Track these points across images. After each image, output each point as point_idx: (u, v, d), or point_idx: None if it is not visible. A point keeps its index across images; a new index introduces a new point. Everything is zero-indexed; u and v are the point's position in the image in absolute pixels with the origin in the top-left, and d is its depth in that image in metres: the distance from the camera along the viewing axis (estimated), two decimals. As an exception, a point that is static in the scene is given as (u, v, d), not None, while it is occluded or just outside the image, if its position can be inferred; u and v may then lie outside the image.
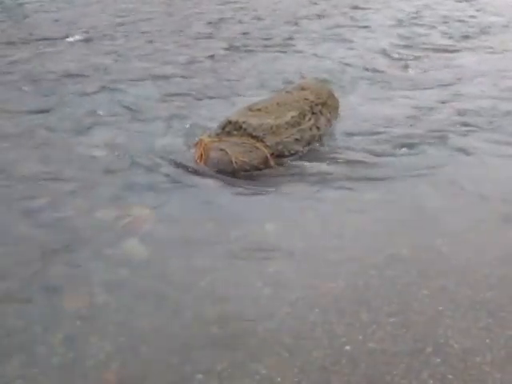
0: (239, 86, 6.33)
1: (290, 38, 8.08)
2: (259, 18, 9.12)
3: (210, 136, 4.77)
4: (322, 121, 5.15)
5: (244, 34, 8.26)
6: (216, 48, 7.67)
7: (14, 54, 7.43)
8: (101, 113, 5.64)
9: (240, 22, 8.90)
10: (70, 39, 8.01)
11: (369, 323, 3.06)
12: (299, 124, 4.88)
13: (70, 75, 6.63)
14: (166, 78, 6.60)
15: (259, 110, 4.94)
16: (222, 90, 6.24)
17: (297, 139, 4.79)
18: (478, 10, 9.61)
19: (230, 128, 4.78)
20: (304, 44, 7.82)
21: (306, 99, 5.16)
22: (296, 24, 8.84)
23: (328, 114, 5.28)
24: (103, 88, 6.28)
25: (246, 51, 7.49)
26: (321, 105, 5.24)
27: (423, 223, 3.93)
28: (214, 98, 6.01)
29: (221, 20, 9.09)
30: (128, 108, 5.75)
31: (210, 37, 8.22)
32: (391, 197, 4.24)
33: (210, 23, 8.96)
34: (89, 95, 6.09)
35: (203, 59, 7.22)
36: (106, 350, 2.88)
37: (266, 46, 7.69)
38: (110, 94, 6.14)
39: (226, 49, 7.61)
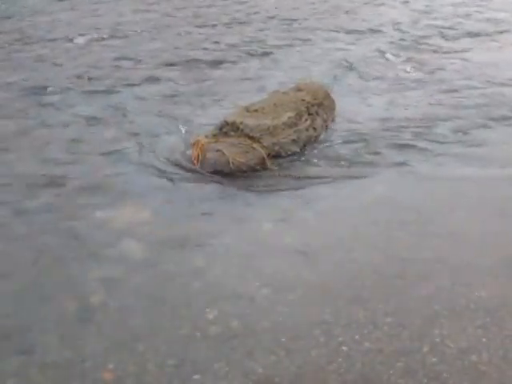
0: (237, 87, 6.33)
1: (288, 39, 8.08)
2: (258, 20, 9.12)
3: (206, 136, 4.77)
4: (319, 121, 5.16)
5: (242, 35, 8.27)
6: (215, 49, 7.67)
7: (18, 55, 7.43)
8: (98, 113, 5.64)
9: (238, 24, 8.90)
10: (77, 41, 8.00)
11: (365, 323, 3.06)
12: (296, 125, 4.89)
13: (68, 77, 6.62)
14: (163, 78, 6.61)
15: (256, 110, 4.95)
16: (219, 90, 6.24)
17: (294, 140, 4.80)
18: (479, 7, 9.63)
19: (227, 129, 4.78)
20: (300, 46, 7.82)
21: (302, 100, 5.17)
22: (294, 25, 8.84)
23: (325, 115, 5.29)
24: (101, 89, 6.28)
25: (243, 52, 7.50)
26: (317, 105, 5.25)
27: (420, 223, 3.94)
28: (211, 98, 6.01)
29: (220, 22, 9.09)
30: (125, 108, 5.75)
31: (209, 38, 8.22)
32: (388, 197, 4.24)
33: (210, 25, 8.97)
34: (86, 96, 6.10)
35: (202, 60, 7.22)
36: (103, 349, 2.88)
37: (263, 48, 7.70)
38: (108, 94, 6.15)
39: (225, 50, 7.61)
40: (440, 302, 3.20)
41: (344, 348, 2.91)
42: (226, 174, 4.49)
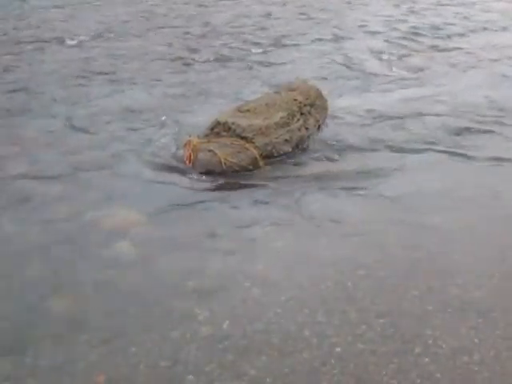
0: (228, 88, 6.32)
1: (280, 40, 8.07)
2: (251, 21, 9.12)
3: (198, 137, 4.76)
4: (311, 121, 5.16)
5: (234, 37, 8.25)
6: (207, 49, 7.66)
7: (13, 56, 7.41)
8: (91, 114, 5.63)
9: (230, 26, 8.89)
10: (71, 41, 7.98)
11: (358, 324, 3.06)
12: (288, 125, 4.88)
13: (62, 78, 6.60)
14: (156, 79, 6.59)
15: (248, 110, 4.94)
16: (211, 91, 6.23)
17: (286, 140, 4.79)
18: (469, 9, 9.66)
19: (219, 129, 4.77)
20: (293, 46, 7.82)
21: (294, 100, 5.16)
22: (285, 26, 8.83)
23: (317, 115, 5.29)
24: (93, 89, 6.26)
25: (235, 54, 7.49)
26: (309, 105, 5.25)
27: (413, 223, 3.94)
28: (204, 98, 6.01)
29: (213, 22, 9.08)
30: (117, 110, 5.73)
31: (202, 38, 8.21)
32: (381, 197, 4.24)
33: (203, 25, 8.96)
34: (78, 96, 6.08)
35: (194, 60, 7.22)
36: (95, 351, 2.87)
37: (256, 48, 7.69)
38: (101, 95, 6.13)
39: (217, 51, 7.61)
40: (433, 302, 3.20)
41: (336, 349, 2.90)
42: (218, 174, 4.49)
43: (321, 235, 3.83)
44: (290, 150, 4.80)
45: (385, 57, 7.31)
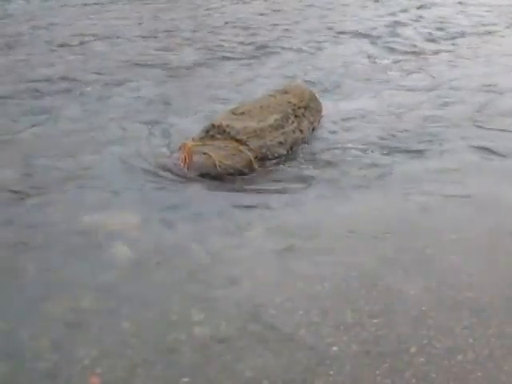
0: (223, 91, 6.34)
1: (274, 43, 8.08)
2: (244, 23, 9.12)
3: (193, 140, 4.77)
4: (305, 124, 5.17)
5: (226, 40, 8.26)
6: (200, 52, 7.67)
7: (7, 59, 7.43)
8: (85, 117, 5.63)
9: (222, 29, 8.90)
10: (66, 44, 7.99)
11: (353, 324, 3.07)
12: (282, 127, 4.90)
13: (56, 79, 6.60)
14: (151, 81, 6.60)
15: (243, 113, 4.95)
16: (206, 93, 6.24)
17: (280, 142, 4.81)
18: (462, 13, 9.69)
19: (214, 132, 4.78)
20: (286, 48, 7.83)
21: (289, 102, 5.18)
22: (278, 29, 8.84)
23: (311, 117, 5.30)
24: (87, 92, 6.26)
25: (229, 57, 7.50)
26: (304, 108, 5.26)
27: (407, 225, 3.96)
28: (198, 101, 6.01)
29: (205, 24, 9.09)
30: (112, 112, 5.74)
31: (195, 41, 8.22)
32: (375, 199, 4.26)
33: (196, 27, 8.98)
34: (73, 99, 6.08)
35: (188, 63, 7.22)
36: (92, 354, 2.87)
37: (250, 50, 7.70)
38: (96, 97, 6.13)
39: (211, 53, 7.61)
40: (427, 302, 3.22)
41: (332, 349, 2.91)
42: (212, 176, 4.49)
43: (315, 237, 3.84)
44: (285, 152, 4.81)
45: (379, 59, 7.33)
